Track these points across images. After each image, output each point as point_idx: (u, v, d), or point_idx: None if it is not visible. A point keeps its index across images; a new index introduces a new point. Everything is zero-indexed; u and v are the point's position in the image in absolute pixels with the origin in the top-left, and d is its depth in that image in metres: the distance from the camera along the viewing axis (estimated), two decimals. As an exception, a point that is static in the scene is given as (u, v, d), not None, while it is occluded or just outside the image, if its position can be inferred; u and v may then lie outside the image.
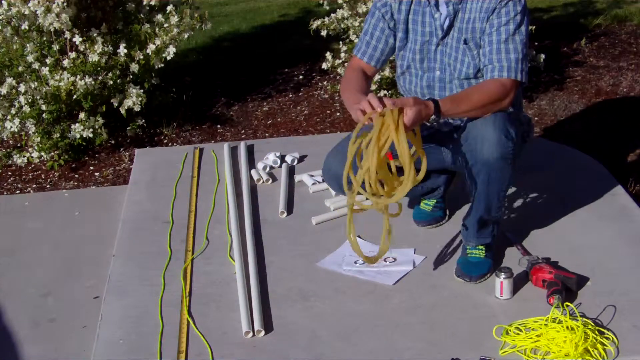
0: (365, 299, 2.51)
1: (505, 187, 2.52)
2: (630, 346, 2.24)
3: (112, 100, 3.96)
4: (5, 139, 4.04)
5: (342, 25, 4.43)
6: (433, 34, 2.56)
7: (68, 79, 3.76)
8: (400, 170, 2.28)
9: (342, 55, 4.44)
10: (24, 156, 3.89)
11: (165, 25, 4.08)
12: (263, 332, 2.36)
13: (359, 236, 2.86)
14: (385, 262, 2.69)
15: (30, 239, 3.16)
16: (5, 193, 3.70)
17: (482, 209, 2.54)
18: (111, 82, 3.93)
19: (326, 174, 2.74)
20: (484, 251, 2.61)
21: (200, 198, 3.21)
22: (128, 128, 4.11)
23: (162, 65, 4.09)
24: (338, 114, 4.44)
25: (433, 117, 2.36)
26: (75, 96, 3.82)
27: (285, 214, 3.06)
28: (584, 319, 2.28)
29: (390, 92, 4.31)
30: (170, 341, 2.35)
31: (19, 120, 3.79)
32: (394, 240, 2.82)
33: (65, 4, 3.79)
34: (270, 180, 3.33)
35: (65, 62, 3.83)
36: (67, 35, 3.88)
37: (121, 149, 4.09)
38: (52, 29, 3.83)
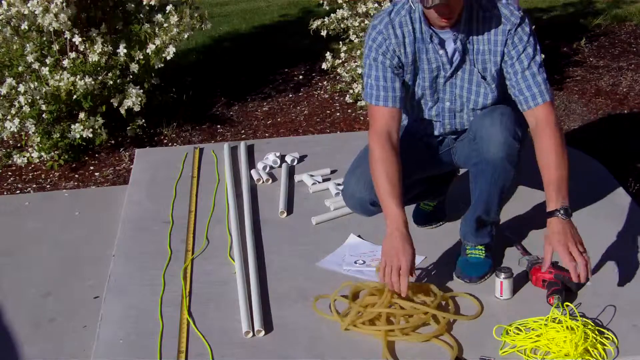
0: (365, 299, 2.51)
1: (507, 189, 2.53)
2: (630, 346, 2.24)
3: (112, 100, 3.96)
4: (5, 139, 4.04)
5: (342, 25, 4.43)
6: (441, 68, 2.47)
7: (68, 79, 3.76)
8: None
9: (342, 55, 4.44)
10: (24, 156, 3.89)
11: (165, 25, 4.08)
12: (263, 332, 2.36)
13: (359, 236, 2.87)
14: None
15: (30, 239, 3.15)
16: (5, 193, 3.70)
17: (482, 209, 2.55)
18: (111, 82, 3.93)
19: (349, 200, 2.62)
20: (483, 251, 2.61)
21: (200, 198, 3.21)
22: (128, 128, 4.11)
23: (162, 65, 4.09)
24: (338, 114, 4.44)
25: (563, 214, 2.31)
26: (75, 96, 3.82)
27: (285, 214, 3.06)
28: (584, 319, 2.28)
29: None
30: (170, 341, 2.35)
31: (19, 120, 3.79)
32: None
33: (64, 4, 3.79)
34: (270, 180, 3.33)
35: (65, 62, 3.84)
36: (67, 35, 3.88)
37: (121, 149, 4.09)
38: (51, 29, 3.83)
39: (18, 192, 3.72)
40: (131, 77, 4.05)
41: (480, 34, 2.42)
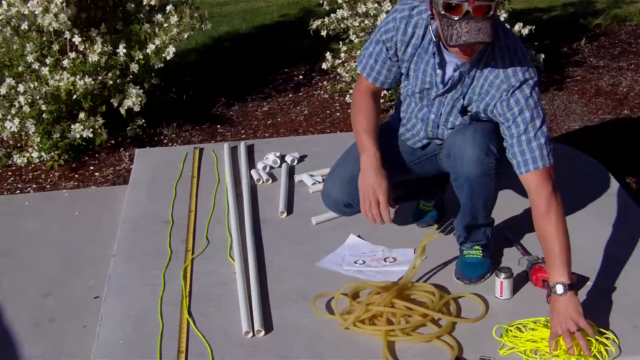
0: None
1: (491, 197, 2.52)
2: (631, 346, 2.24)
3: (112, 100, 3.96)
4: (5, 139, 4.04)
5: (342, 25, 4.43)
6: (433, 84, 2.46)
7: (68, 79, 3.75)
8: None
9: (342, 55, 4.44)
10: (24, 156, 3.89)
11: (165, 25, 4.08)
12: (263, 332, 2.36)
13: (359, 236, 2.87)
14: (385, 262, 2.69)
15: (30, 239, 3.15)
16: (5, 193, 3.70)
17: (469, 219, 2.55)
18: (111, 82, 3.93)
19: (326, 199, 2.71)
20: (481, 251, 2.61)
21: (200, 198, 3.21)
22: (128, 128, 4.11)
23: (162, 65, 4.08)
24: (338, 114, 4.44)
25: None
26: (75, 96, 3.82)
27: (285, 214, 3.06)
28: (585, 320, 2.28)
29: (389, 91, 4.31)
30: (170, 341, 2.35)
31: (19, 120, 3.79)
32: (393, 240, 2.83)
33: (64, 4, 3.79)
34: (270, 180, 3.33)
35: (65, 62, 3.83)
36: (67, 35, 3.88)
37: (121, 149, 4.09)
38: (51, 29, 3.83)
39: (18, 192, 3.72)
40: (131, 77, 4.05)
41: (480, 76, 2.37)
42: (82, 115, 3.87)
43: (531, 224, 2.85)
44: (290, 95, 4.74)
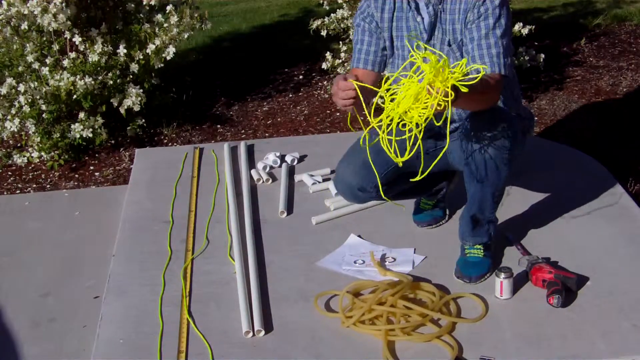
0: (365, 299, 2.51)
1: (501, 188, 2.53)
2: (631, 346, 2.24)
3: (112, 100, 3.96)
4: (5, 139, 4.04)
5: (342, 25, 4.43)
6: (418, 37, 2.52)
7: (68, 79, 3.76)
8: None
9: (342, 55, 4.44)
10: (24, 156, 3.89)
11: (165, 25, 4.08)
12: (263, 332, 2.36)
13: (359, 236, 2.87)
14: (385, 262, 2.69)
15: (30, 239, 3.16)
16: (5, 193, 3.70)
17: (476, 208, 2.55)
18: (111, 82, 3.93)
19: (339, 185, 2.70)
20: (482, 250, 2.61)
21: (200, 198, 3.21)
22: (128, 128, 4.11)
23: (162, 65, 4.08)
24: (338, 113, 4.44)
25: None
26: (75, 96, 3.82)
27: (285, 214, 3.06)
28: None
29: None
30: (170, 341, 2.35)
31: (19, 120, 3.79)
32: (393, 240, 2.83)
33: (64, 4, 3.79)
34: (270, 180, 3.33)
35: (65, 62, 3.84)
36: (67, 35, 3.89)
37: (121, 149, 4.09)
38: (51, 29, 3.84)
39: (18, 192, 3.72)
40: (131, 77, 4.05)
41: (451, 4, 2.46)
42: (82, 115, 3.87)
43: (531, 224, 2.86)
44: (290, 95, 4.74)
